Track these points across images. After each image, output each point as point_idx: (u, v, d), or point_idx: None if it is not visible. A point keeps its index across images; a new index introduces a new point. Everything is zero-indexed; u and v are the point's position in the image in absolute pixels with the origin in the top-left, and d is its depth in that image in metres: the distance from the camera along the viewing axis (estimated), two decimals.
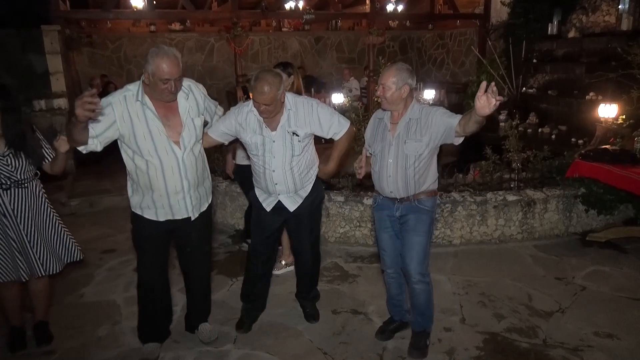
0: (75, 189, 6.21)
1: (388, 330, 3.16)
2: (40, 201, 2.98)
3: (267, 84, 2.66)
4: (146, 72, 2.51)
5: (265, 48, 11.84)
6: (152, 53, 2.49)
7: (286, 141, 2.87)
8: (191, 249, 2.96)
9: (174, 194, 2.69)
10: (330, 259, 4.30)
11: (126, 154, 2.66)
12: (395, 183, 2.77)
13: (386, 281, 3.11)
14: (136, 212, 2.77)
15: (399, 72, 2.69)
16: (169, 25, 11.32)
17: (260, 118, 2.83)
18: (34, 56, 7.96)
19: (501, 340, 3.12)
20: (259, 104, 2.71)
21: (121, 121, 2.55)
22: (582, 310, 3.42)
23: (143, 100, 2.57)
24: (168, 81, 2.49)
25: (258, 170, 2.98)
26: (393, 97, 2.70)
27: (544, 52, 7.99)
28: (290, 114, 2.86)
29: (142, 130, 2.57)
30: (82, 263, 4.32)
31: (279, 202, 3.02)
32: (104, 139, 2.56)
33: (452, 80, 11.50)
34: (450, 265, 4.16)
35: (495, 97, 2.26)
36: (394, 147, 2.76)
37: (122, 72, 10.70)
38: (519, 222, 4.55)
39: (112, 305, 3.62)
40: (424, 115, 2.73)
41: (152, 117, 2.58)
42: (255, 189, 3.11)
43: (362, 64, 11.86)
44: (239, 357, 2.99)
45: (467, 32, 11.02)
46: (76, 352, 3.07)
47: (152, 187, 2.66)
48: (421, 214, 2.81)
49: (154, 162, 2.61)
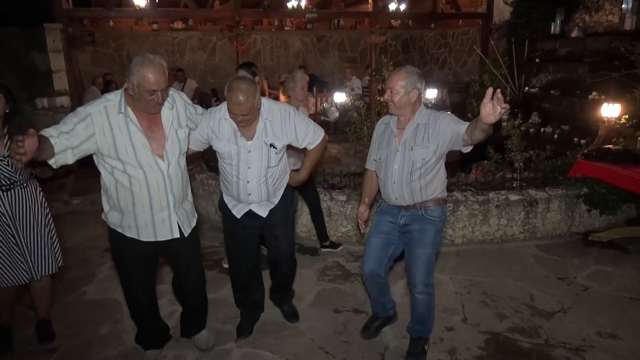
0: (77, 188, 6.21)
1: (373, 327, 3.13)
2: (39, 202, 3.00)
3: (243, 93, 2.51)
4: (130, 82, 2.32)
5: (267, 47, 11.84)
6: (136, 62, 2.31)
7: (262, 152, 2.74)
8: (186, 265, 2.81)
9: (159, 211, 2.52)
10: (332, 258, 4.30)
11: (104, 169, 2.46)
12: (400, 190, 2.69)
13: (366, 286, 3.06)
14: (116, 229, 2.56)
15: (408, 76, 2.60)
16: (171, 23, 11.34)
17: (234, 126, 2.69)
18: (36, 54, 7.99)
19: (503, 340, 3.11)
20: (236, 115, 2.57)
21: (101, 134, 2.35)
22: (584, 311, 3.41)
23: (126, 112, 2.38)
24: (155, 92, 2.32)
25: (230, 179, 2.82)
26: (401, 101, 2.61)
27: (546, 52, 7.97)
28: (266, 124, 2.73)
29: (124, 143, 2.38)
30: (83, 262, 4.36)
31: (249, 210, 2.90)
32: (79, 151, 2.33)
33: (455, 79, 11.48)
34: (452, 265, 4.15)
35: (500, 105, 2.21)
36: (400, 154, 2.67)
37: (124, 71, 10.66)
38: (521, 221, 4.54)
39: (113, 304, 3.62)
40: (432, 121, 2.64)
41: (135, 131, 2.39)
42: (225, 195, 2.96)
43: (364, 63, 11.85)
44: (241, 355, 2.99)
45: (470, 31, 11.00)
46: (78, 350, 3.08)
47: (134, 204, 2.47)
48: (426, 225, 2.72)
49: (137, 176, 2.43)
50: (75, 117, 2.33)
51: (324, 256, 4.36)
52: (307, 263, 4.21)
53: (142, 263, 2.67)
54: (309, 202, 4.32)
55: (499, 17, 9.22)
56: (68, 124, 2.31)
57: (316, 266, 4.16)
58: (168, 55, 10.88)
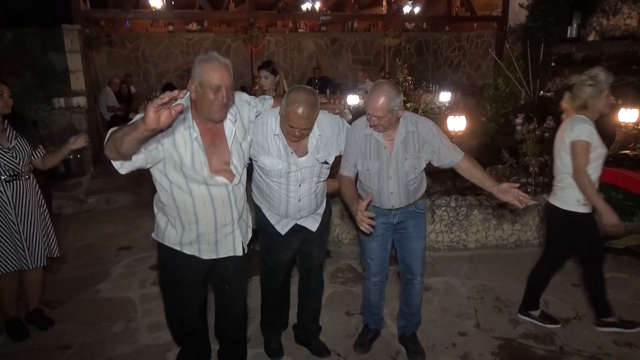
0: (93, 186, 6.29)
1: (366, 341, 3.08)
2: (37, 195, 3.20)
3: (309, 105, 2.32)
4: (193, 84, 2.12)
5: (281, 49, 11.87)
6: (197, 59, 2.15)
7: (314, 170, 2.58)
8: (230, 287, 2.55)
9: (223, 226, 2.34)
10: (344, 261, 4.30)
11: (161, 185, 2.26)
12: (398, 198, 2.73)
13: (367, 289, 3.02)
14: (174, 248, 2.35)
15: (390, 96, 2.46)
16: (187, 25, 11.41)
17: (285, 141, 2.48)
18: (54, 55, 8.10)
19: (517, 346, 3.08)
20: (295, 130, 2.37)
21: (169, 144, 2.14)
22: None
23: (193, 127, 2.17)
24: (219, 89, 2.11)
25: (277, 197, 2.61)
26: (390, 121, 2.53)
27: (562, 56, 7.88)
28: (318, 140, 2.54)
29: (188, 159, 2.17)
30: (98, 260, 4.41)
31: (296, 224, 2.72)
32: (152, 158, 2.12)
33: (468, 83, 11.40)
34: (465, 269, 4.12)
35: (524, 201, 2.49)
36: (392, 165, 2.65)
37: (140, 72, 10.80)
38: (536, 227, 4.49)
39: (127, 302, 3.65)
40: (419, 128, 2.64)
41: (197, 149, 2.18)
42: (266, 211, 2.73)
43: (378, 65, 11.82)
44: (253, 356, 2.99)
45: (485, 34, 10.93)
46: (92, 347, 3.11)
47: (197, 221, 2.29)
48: (419, 219, 2.85)
49: (201, 192, 2.24)
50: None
51: (335, 258, 4.35)
52: None
53: (196, 283, 2.47)
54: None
55: (515, 20, 9.14)
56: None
57: (328, 268, 4.15)
58: (183, 57, 10.96)
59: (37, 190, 3.21)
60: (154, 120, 1.71)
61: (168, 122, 1.75)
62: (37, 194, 3.19)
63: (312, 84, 10.79)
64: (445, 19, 11.25)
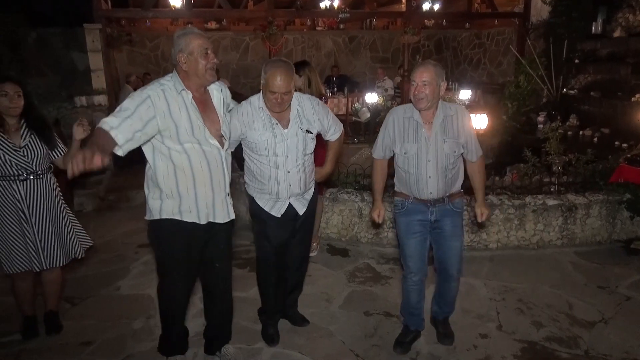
0: (113, 184, 6.36)
1: (406, 342, 3.04)
2: (54, 194, 3.10)
3: (283, 70, 2.58)
4: (181, 56, 2.36)
5: (299, 47, 11.87)
6: (177, 36, 2.38)
7: (299, 139, 2.74)
8: (219, 264, 2.76)
9: (219, 191, 2.53)
10: (363, 260, 4.26)
11: (160, 155, 2.43)
12: (436, 184, 2.72)
13: (407, 289, 2.96)
14: (174, 218, 2.49)
15: (437, 69, 2.61)
16: (205, 24, 11.49)
17: (269, 115, 2.69)
18: (76, 54, 8.25)
19: (540, 350, 3.01)
20: (278, 95, 2.58)
21: (161, 116, 2.34)
22: (627, 321, 3.27)
23: (185, 93, 2.40)
24: (207, 51, 2.38)
25: (268, 173, 2.75)
26: (434, 93, 2.60)
27: (586, 52, 7.71)
28: (299, 111, 2.76)
29: (184, 123, 2.38)
30: (118, 257, 4.45)
31: (289, 206, 2.85)
32: (144, 135, 2.32)
33: (489, 80, 11.24)
34: (486, 270, 4.05)
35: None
36: (432, 147, 2.68)
37: (159, 70, 10.90)
38: (559, 227, 4.40)
39: (147, 299, 3.68)
40: (458, 113, 2.73)
41: (193, 111, 2.41)
42: (258, 196, 2.85)
43: (396, 63, 11.74)
44: (272, 355, 2.99)
45: (506, 31, 10.76)
46: (112, 343, 3.13)
47: (195, 185, 2.46)
48: (456, 218, 2.84)
49: (198, 154, 2.43)
50: (133, 101, 2.30)
51: (354, 257, 4.32)
52: (338, 264, 4.18)
53: (193, 254, 2.62)
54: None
55: (537, 17, 8.97)
56: (128, 108, 2.27)
57: (346, 268, 4.12)
58: None
59: (56, 189, 3.12)
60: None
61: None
62: (55, 193, 3.09)
63: (330, 82, 10.76)
64: (465, 15, 11.11)
